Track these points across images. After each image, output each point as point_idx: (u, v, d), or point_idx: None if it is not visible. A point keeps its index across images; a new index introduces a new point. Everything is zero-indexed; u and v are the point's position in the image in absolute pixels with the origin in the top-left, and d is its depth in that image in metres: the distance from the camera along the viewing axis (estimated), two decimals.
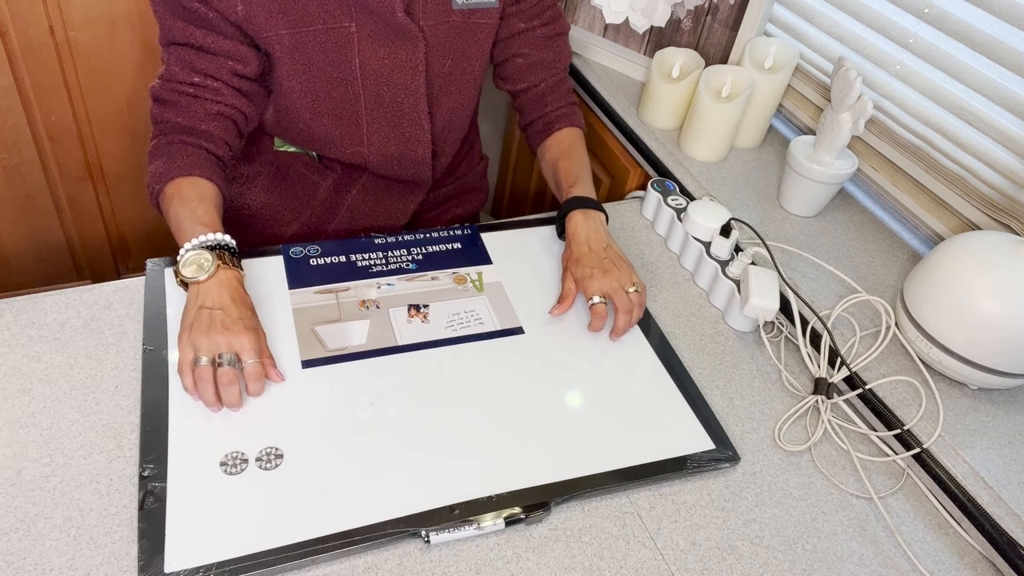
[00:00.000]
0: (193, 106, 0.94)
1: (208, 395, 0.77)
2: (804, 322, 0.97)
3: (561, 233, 1.02)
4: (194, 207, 0.87)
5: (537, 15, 1.09)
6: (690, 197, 1.17)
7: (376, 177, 1.13)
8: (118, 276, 1.72)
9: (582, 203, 1.00)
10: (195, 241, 0.83)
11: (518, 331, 0.94)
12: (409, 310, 0.94)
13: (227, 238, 0.85)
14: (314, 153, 1.12)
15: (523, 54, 1.10)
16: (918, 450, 0.85)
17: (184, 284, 0.82)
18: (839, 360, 0.93)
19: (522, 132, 1.18)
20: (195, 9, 0.89)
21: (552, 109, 1.13)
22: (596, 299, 0.93)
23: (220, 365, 0.78)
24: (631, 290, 0.93)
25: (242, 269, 0.86)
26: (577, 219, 0.99)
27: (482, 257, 1.04)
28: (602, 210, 1.01)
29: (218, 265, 0.82)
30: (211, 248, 0.83)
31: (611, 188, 1.42)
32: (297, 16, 0.92)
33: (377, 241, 1.03)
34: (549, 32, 1.11)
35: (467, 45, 1.04)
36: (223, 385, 0.77)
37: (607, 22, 1.42)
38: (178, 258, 0.83)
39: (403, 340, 0.90)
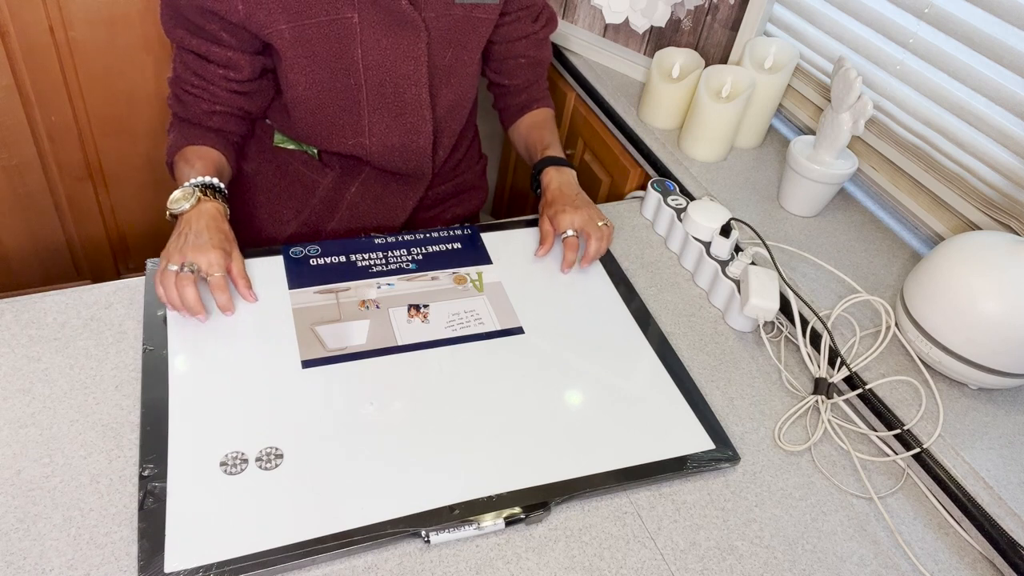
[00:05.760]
0: (195, 104, 1.01)
1: (172, 296, 0.85)
2: (804, 322, 0.97)
3: (536, 188, 1.10)
4: (193, 164, 0.97)
5: (536, 18, 1.16)
6: (690, 197, 1.17)
7: (375, 173, 1.13)
8: (118, 276, 1.72)
9: (555, 162, 1.09)
10: (186, 184, 0.92)
11: (518, 331, 0.94)
12: (409, 310, 0.94)
13: (214, 180, 0.94)
14: (314, 150, 1.12)
15: (528, 56, 1.17)
16: (918, 450, 0.85)
17: (173, 218, 0.91)
18: (839, 360, 0.93)
19: (495, 109, 1.26)
20: (195, 20, 0.94)
21: (532, 96, 1.21)
22: (569, 232, 1.00)
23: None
24: (600, 224, 1.01)
25: (225, 204, 0.94)
26: (551, 173, 1.08)
27: (482, 257, 1.04)
28: (573, 168, 1.10)
29: (199, 198, 0.90)
30: (197, 187, 0.92)
31: (611, 188, 1.42)
32: (298, 10, 0.94)
33: (377, 241, 1.03)
34: (547, 34, 1.18)
35: (467, 38, 1.06)
36: (181, 287, 0.84)
37: (607, 22, 1.42)
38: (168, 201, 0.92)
39: (403, 340, 0.90)
